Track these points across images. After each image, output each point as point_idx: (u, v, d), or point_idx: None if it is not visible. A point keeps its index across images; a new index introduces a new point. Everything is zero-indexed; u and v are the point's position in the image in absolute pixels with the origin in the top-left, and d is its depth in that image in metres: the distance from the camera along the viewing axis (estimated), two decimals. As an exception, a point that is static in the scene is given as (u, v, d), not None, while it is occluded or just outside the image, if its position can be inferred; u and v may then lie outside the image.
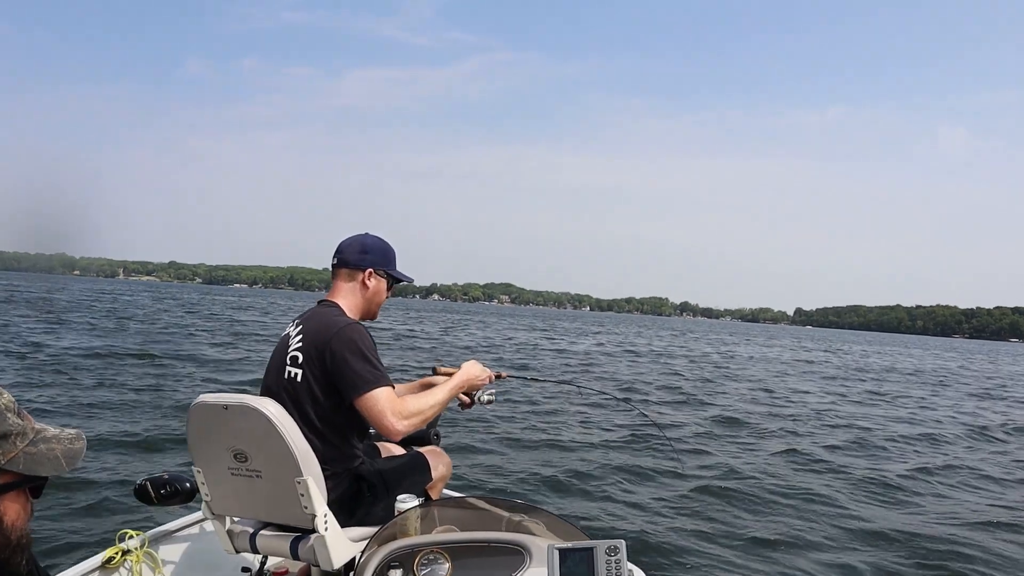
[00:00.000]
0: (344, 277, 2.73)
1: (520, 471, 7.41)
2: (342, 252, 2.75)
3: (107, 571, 2.74)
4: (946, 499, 7.54)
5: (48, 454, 1.12)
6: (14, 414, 1.10)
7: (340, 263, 2.73)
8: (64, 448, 1.15)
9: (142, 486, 2.77)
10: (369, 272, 2.73)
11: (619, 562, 2.02)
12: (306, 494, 2.37)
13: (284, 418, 2.38)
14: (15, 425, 1.09)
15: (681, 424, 11.20)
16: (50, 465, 1.12)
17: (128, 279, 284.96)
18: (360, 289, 2.73)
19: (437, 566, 2.29)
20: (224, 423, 2.42)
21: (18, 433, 1.09)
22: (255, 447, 2.41)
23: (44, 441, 1.13)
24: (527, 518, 2.44)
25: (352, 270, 2.73)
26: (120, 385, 11.46)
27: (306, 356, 2.52)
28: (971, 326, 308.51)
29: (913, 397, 18.95)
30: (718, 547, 5.43)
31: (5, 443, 1.07)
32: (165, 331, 22.09)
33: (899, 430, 12.04)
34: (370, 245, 2.76)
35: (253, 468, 2.44)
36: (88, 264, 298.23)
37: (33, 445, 1.11)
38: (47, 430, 1.16)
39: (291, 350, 2.56)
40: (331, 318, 2.59)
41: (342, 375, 2.48)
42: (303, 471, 2.36)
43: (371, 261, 2.73)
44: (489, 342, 30.22)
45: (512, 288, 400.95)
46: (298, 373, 2.53)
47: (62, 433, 1.17)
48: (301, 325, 2.63)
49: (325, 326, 2.55)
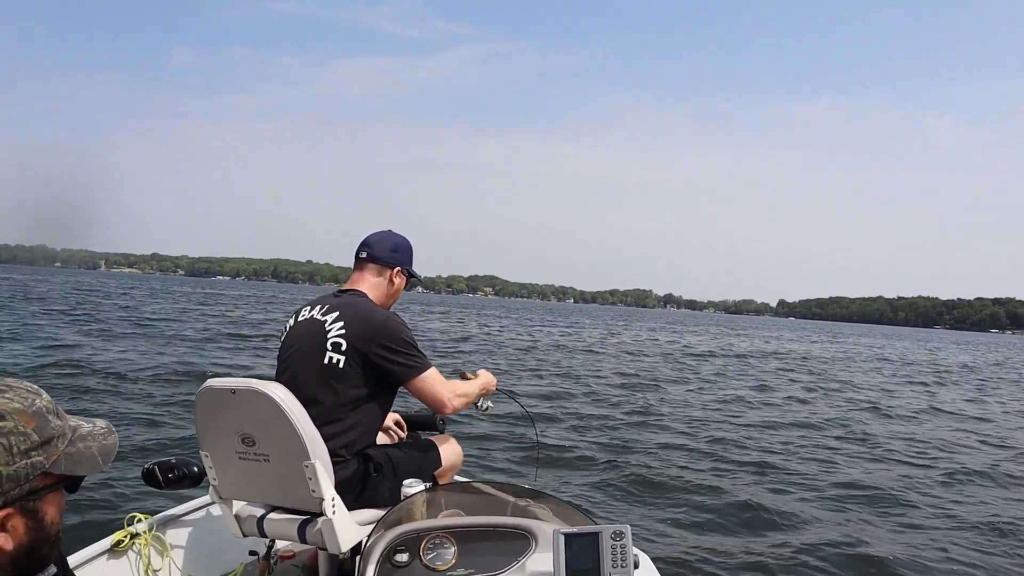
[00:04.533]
0: (372, 271, 2.85)
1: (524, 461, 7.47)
2: (371, 247, 2.86)
3: (116, 554, 2.76)
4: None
5: (86, 452, 1.14)
6: (54, 415, 1.11)
7: (370, 257, 2.85)
8: (99, 445, 1.17)
9: (150, 470, 2.79)
10: (397, 270, 2.88)
11: (624, 547, 2.06)
12: (314, 478, 2.39)
13: (292, 402, 2.41)
14: (56, 428, 1.10)
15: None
16: (88, 464, 1.14)
17: (110, 271, 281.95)
18: (387, 285, 2.87)
19: (443, 550, 2.32)
20: (232, 407, 2.44)
21: (59, 435, 1.11)
22: (263, 431, 2.43)
23: (81, 439, 1.15)
24: (533, 503, 2.48)
25: (381, 266, 2.85)
26: (130, 371, 11.42)
27: (350, 344, 2.60)
28: (952, 317, 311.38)
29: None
30: (723, 535, 5.46)
31: (48, 447, 1.08)
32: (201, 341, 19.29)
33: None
34: (399, 244, 2.91)
35: (261, 452, 2.46)
36: (69, 256, 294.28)
37: (72, 445, 1.12)
38: (81, 426, 1.17)
39: (332, 336, 2.61)
40: (372, 309, 2.71)
41: (392, 363, 2.62)
42: (311, 455, 2.39)
43: (399, 260, 2.88)
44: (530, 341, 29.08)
45: (496, 280, 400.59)
46: (340, 359, 2.60)
47: (95, 428, 1.19)
48: (337, 312, 2.67)
49: (369, 316, 2.65)
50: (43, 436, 1.07)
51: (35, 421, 1.07)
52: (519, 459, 7.54)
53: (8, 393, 1.08)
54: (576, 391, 13.43)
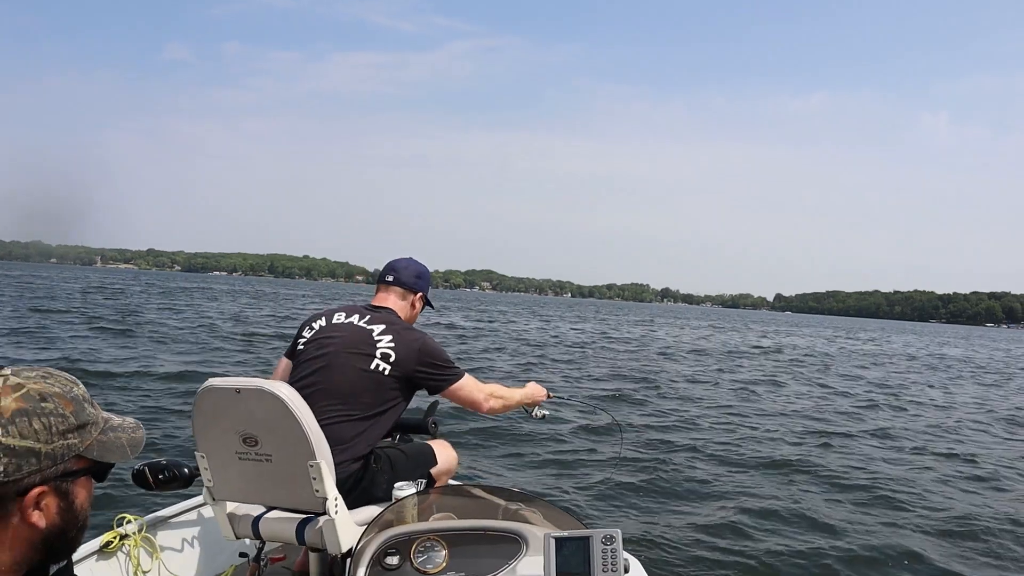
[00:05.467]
0: (398, 295, 3.07)
1: (518, 464, 7.44)
2: (398, 272, 3.08)
3: (105, 555, 2.76)
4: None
5: (116, 442, 1.21)
6: (89, 404, 1.19)
7: (396, 282, 3.07)
8: (128, 437, 1.24)
9: (140, 471, 2.78)
10: (420, 296, 3.12)
11: (615, 551, 2.07)
12: (318, 477, 2.39)
13: (299, 401, 2.41)
14: (91, 415, 1.18)
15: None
16: (118, 452, 1.21)
17: (106, 267, 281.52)
18: (409, 308, 3.09)
19: (434, 553, 2.33)
20: (235, 407, 2.42)
21: (93, 423, 1.18)
22: (267, 431, 2.42)
23: (112, 430, 1.22)
24: (524, 507, 2.49)
25: (406, 291, 3.07)
26: (125, 369, 11.38)
27: (398, 356, 2.79)
28: (948, 311, 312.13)
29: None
30: (716, 540, 5.42)
31: (83, 432, 1.15)
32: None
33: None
34: (422, 273, 3.15)
35: (263, 452, 2.45)
36: (65, 252, 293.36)
37: (104, 434, 1.20)
38: (112, 419, 1.23)
39: (381, 346, 2.80)
40: (410, 328, 2.96)
41: (434, 378, 2.87)
42: (316, 454, 2.39)
43: (422, 287, 3.13)
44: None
45: (494, 275, 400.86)
46: (387, 368, 2.78)
47: (124, 422, 1.26)
48: (383, 326, 2.87)
49: (410, 335, 2.88)
50: (79, 420, 1.15)
51: (73, 405, 1.15)
52: (510, 463, 7.51)
53: (50, 379, 1.16)
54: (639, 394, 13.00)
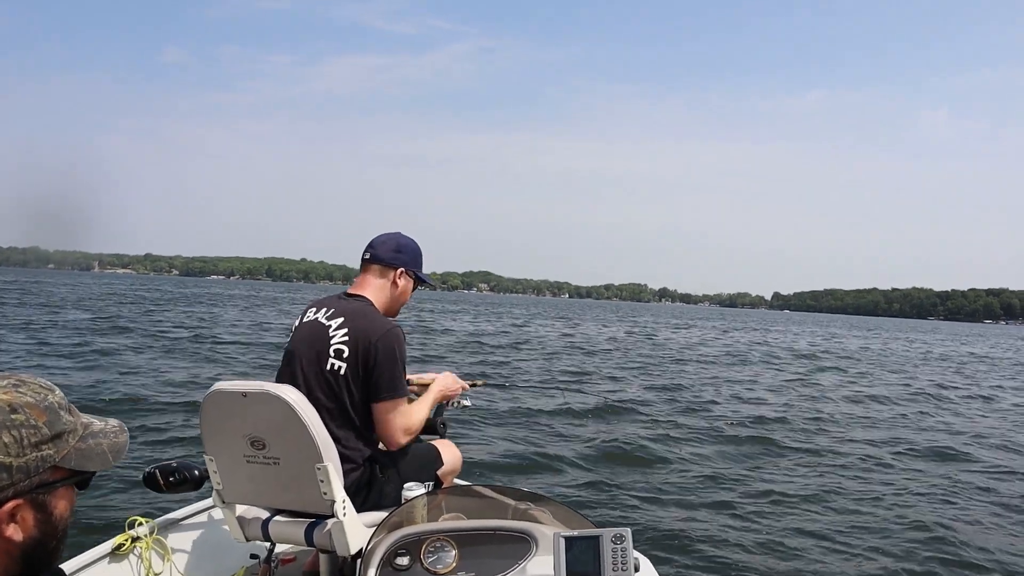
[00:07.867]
0: (375, 273, 2.79)
1: (523, 463, 7.45)
2: (375, 248, 2.80)
3: (116, 558, 2.76)
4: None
5: (96, 449, 1.16)
6: (66, 411, 1.14)
7: (372, 259, 2.79)
8: (110, 443, 1.18)
9: (151, 474, 2.80)
10: (400, 271, 2.81)
11: (625, 550, 2.06)
12: (326, 480, 2.40)
13: (305, 404, 2.40)
14: (68, 423, 1.13)
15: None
16: (98, 460, 1.16)
17: (103, 272, 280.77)
18: (390, 287, 2.80)
19: (444, 553, 2.34)
20: (242, 410, 2.43)
21: (70, 431, 1.13)
22: (274, 434, 2.42)
23: (92, 436, 1.17)
24: (533, 506, 2.49)
25: (384, 267, 2.79)
26: (132, 371, 11.38)
27: (351, 351, 2.59)
28: (946, 308, 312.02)
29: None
30: (724, 535, 5.44)
31: (59, 441, 1.11)
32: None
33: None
34: (404, 245, 2.83)
35: (271, 455, 2.45)
36: (62, 257, 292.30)
37: (83, 441, 1.15)
38: (93, 423, 1.19)
39: (335, 342, 2.60)
40: (375, 316, 2.67)
41: (377, 376, 2.59)
42: (323, 457, 2.39)
43: (403, 260, 2.81)
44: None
45: (491, 276, 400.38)
46: (342, 366, 2.59)
47: (106, 426, 1.21)
48: (342, 318, 2.64)
49: (372, 325, 2.62)
50: (54, 430, 1.10)
51: (46, 415, 1.10)
52: (518, 463, 7.50)
53: (22, 388, 1.11)
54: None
